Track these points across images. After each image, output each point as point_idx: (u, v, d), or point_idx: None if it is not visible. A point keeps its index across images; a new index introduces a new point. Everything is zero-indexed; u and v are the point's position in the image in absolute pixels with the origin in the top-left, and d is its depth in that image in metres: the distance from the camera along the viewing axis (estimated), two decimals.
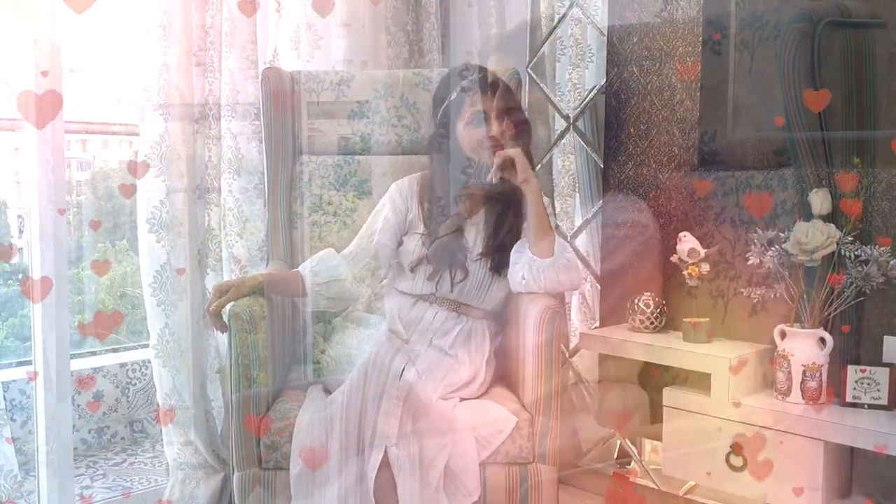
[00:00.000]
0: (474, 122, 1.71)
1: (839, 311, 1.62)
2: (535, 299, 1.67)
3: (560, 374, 1.63)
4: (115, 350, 2.53)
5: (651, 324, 1.90)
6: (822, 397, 1.62)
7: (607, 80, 2.08)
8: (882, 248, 1.57)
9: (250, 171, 2.03)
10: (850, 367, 1.60)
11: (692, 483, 1.97)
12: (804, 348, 1.62)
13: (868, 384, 1.59)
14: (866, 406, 1.58)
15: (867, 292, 1.60)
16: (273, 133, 2.00)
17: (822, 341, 1.62)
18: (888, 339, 1.61)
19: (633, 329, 1.93)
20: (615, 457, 2.20)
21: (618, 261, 2.07)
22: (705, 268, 1.81)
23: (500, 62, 2.33)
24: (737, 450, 1.67)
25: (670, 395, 1.79)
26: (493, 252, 1.72)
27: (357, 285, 1.75)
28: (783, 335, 1.67)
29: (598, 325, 2.15)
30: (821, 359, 1.61)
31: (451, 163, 1.76)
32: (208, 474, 2.03)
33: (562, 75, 2.31)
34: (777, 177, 1.78)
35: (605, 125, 2.10)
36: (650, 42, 1.99)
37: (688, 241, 1.83)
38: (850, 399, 1.60)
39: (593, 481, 2.18)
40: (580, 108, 2.21)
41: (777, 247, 1.66)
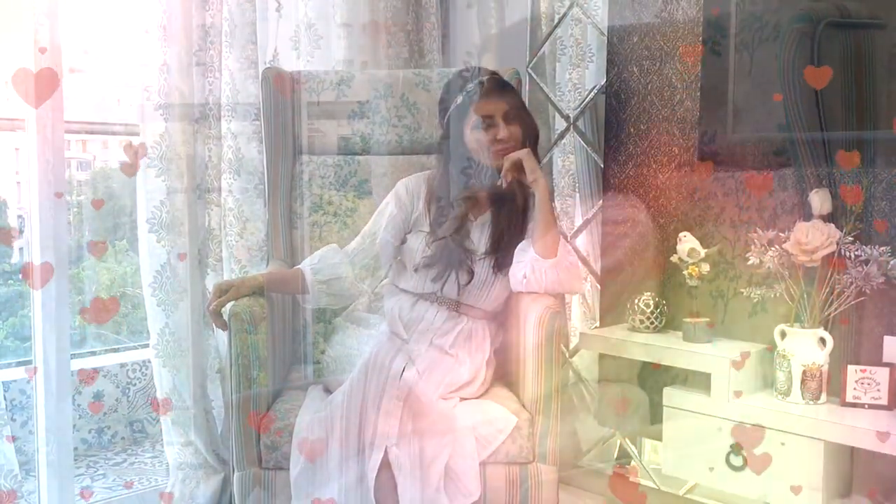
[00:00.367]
0: (480, 126, 1.70)
1: (839, 310, 1.62)
2: (535, 299, 1.67)
3: (560, 373, 1.63)
4: (116, 350, 2.53)
5: (651, 324, 1.90)
6: (822, 397, 1.62)
7: (607, 80, 2.08)
8: (882, 248, 1.57)
9: (250, 171, 2.03)
10: (850, 367, 1.60)
11: (692, 483, 1.97)
12: (804, 348, 1.62)
13: (868, 384, 1.59)
14: (866, 406, 1.59)
15: (867, 292, 1.60)
16: (273, 133, 2.00)
17: (823, 341, 1.62)
18: (888, 339, 1.61)
19: (633, 329, 1.93)
20: (615, 456, 2.20)
21: (617, 260, 2.07)
22: (705, 268, 1.81)
23: (501, 62, 2.33)
24: (736, 447, 1.67)
25: (670, 395, 1.79)
26: (498, 252, 1.72)
27: (358, 283, 1.75)
28: (783, 335, 1.67)
29: (598, 324, 2.15)
30: (821, 359, 1.61)
31: (458, 165, 1.76)
32: (208, 474, 2.03)
33: (562, 75, 2.31)
34: (777, 177, 1.78)
35: (605, 125, 2.10)
36: (650, 42, 1.99)
37: (688, 241, 1.83)
38: (850, 399, 1.60)
39: (593, 481, 2.18)
40: (580, 108, 2.21)
41: (777, 247, 1.66)
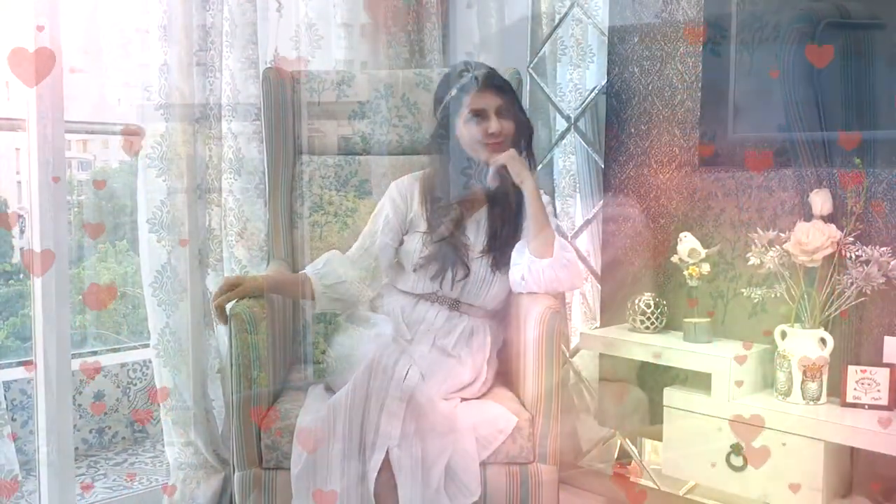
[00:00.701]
0: (473, 120, 1.71)
1: (840, 311, 1.62)
2: (535, 299, 1.67)
3: (560, 373, 1.63)
4: (116, 350, 2.54)
5: (651, 324, 1.90)
6: (823, 397, 1.62)
7: (608, 80, 2.08)
8: (883, 249, 1.57)
9: (251, 171, 2.03)
10: (851, 368, 1.60)
11: (693, 483, 1.97)
12: (805, 348, 1.62)
13: (868, 384, 1.59)
14: (866, 406, 1.58)
15: (867, 293, 1.60)
16: (274, 133, 2.00)
17: (823, 341, 1.62)
18: (888, 340, 1.61)
19: (633, 329, 1.93)
20: (615, 456, 2.20)
21: (617, 260, 2.07)
22: (706, 268, 1.81)
23: (502, 62, 2.32)
24: (737, 447, 1.67)
25: (671, 395, 1.79)
26: (495, 250, 1.72)
27: (362, 286, 1.75)
28: (784, 335, 1.67)
29: (598, 324, 2.15)
30: (821, 359, 1.61)
31: (452, 161, 1.76)
32: (209, 474, 2.03)
33: (563, 75, 2.31)
34: (777, 177, 1.78)
35: (605, 125, 2.10)
36: (651, 42, 1.99)
37: (688, 242, 1.83)
38: (850, 399, 1.60)
39: (594, 481, 2.18)
40: (581, 109, 2.21)
41: (778, 247, 1.66)
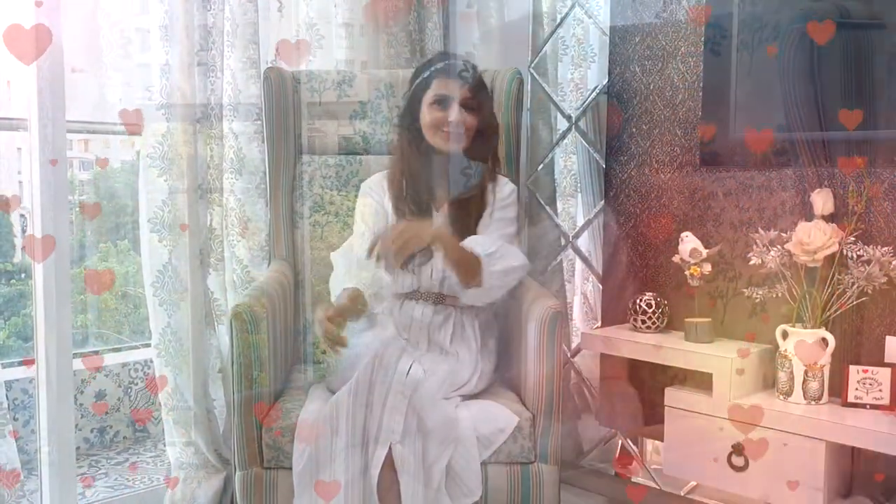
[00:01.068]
0: (437, 105, 1.72)
1: (841, 311, 1.62)
2: (536, 299, 1.67)
3: (561, 373, 1.63)
4: (118, 349, 2.54)
5: (653, 324, 1.90)
6: (824, 397, 1.62)
7: (609, 79, 2.08)
8: (884, 249, 1.57)
9: (252, 170, 2.04)
10: (852, 368, 1.60)
11: (693, 483, 1.97)
12: (806, 348, 1.62)
13: (870, 384, 1.59)
14: (868, 406, 1.58)
15: (869, 293, 1.60)
16: (275, 133, 2.00)
17: (824, 341, 1.62)
18: (890, 340, 1.60)
19: (634, 329, 1.93)
20: (616, 456, 2.20)
21: (618, 260, 2.07)
22: (707, 268, 1.81)
23: (503, 62, 2.33)
24: (738, 447, 1.67)
25: (672, 395, 1.79)
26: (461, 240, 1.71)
27: (381, 273, 1.72)
28: (785, 335, 1.67)
29: (599, 324, 2.15)
30: (823, 359, 1.61)
31: (418, 153, 1.76)
32: (210, 474, 2.03)
33: (564, 75, 2.31)
34: (778, 177, 1.78)
35: (606, 125, 2.10)
36: (652, 42, 1.99)
37: (690, 242, 1.83)
38: (851, 399, 1.60)
39: (595, 481, 2.18)
40: (582, 108, 2.21)
41: (779, 247, 1.66)
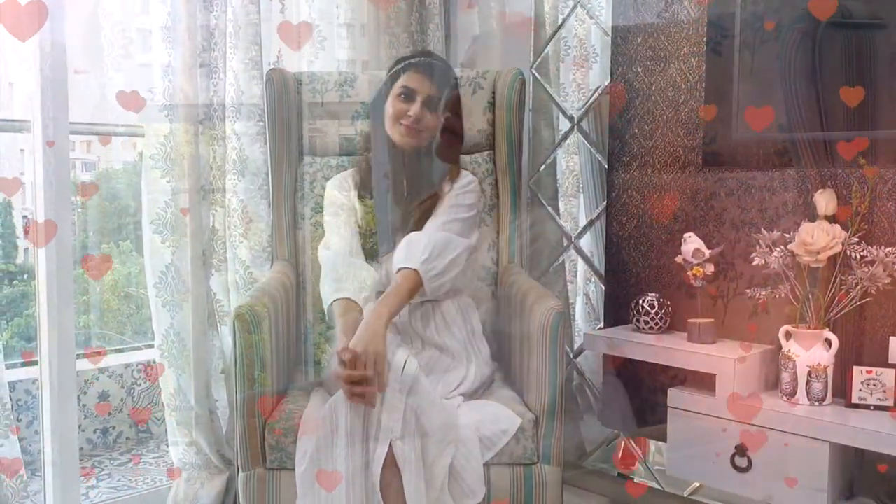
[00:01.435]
0: (401, 97, 1.73)
1: (844, 311, 1.62)
2: (538, 300, 1.67)
3: (564, 374, 1.63)
4: (120, 350, 2.54)
5: (655, 325, 1.89)
6: (828, 398, 1.62)
7: (611, 80, 2.08)
8: (888, 249, 1.56)
9: (254, 171, 2.04)
10: (856, 369, 1.60)
11: (697, 484, 1.97)
12: (809, 349, 1.62)
13: (874, 385, 1.58)
14: (872, 407, 1.58)
15: (873, 293, 1.59)
16: (277, 134, 2.00)
17: (828, 342, 1.61)
18: (894, 340, 1.60)
19: (637, 329, 1.93)
20: (619, 457, 2.20)
21: (621, 260, 2.07)
22: (710, 269, 1.80)
23: (504, 63, 2.33)
24: (741, 449, 1.67)
25: (675, 396, 1.79)
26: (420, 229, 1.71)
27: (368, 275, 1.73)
28: (788, 336, 1.66)
29: (601, 325, 2.15)
30: (826, 360, 1.61)
31: (377, 143, 1.79)
32: (213, 474, 2.03)
33: (566, 76, 2.31)
34: (781, 177, 1.78)
35: (608, 126, 2.10)
36: (654, 42, 1.99)
37: (692, 242, 1.82)
38: (855, 400, 1.59)
39: (597, 482, 2.18)
40: (584, 109, 2.21)
41: (782, 247, 1.66)
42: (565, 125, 2.26)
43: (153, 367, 2.03)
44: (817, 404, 1.61)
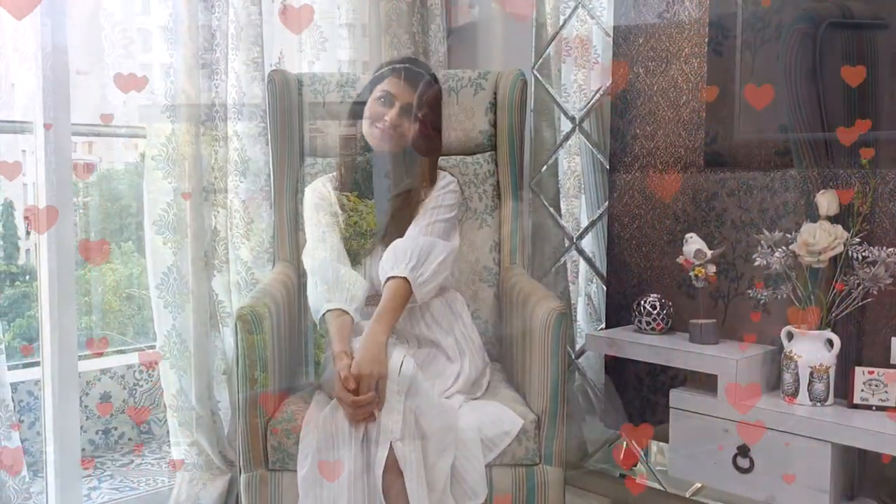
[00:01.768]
0: (379, 101, 1.75)
1: (846, 312, 1.62)
2: (540, 301, 1.67)
3: (566, 375, 1.63)
4: (122, 351, 2.54)
5: (657, 325, 1.89)
6: (830, 399, 1.62)
7: (613, 80, 2.08)
8: (890, 250, 1.56)
9: (256, 172, 2.04)
10: (858, 369, 1.60)
11: (699, 485, 1.97)
12: (811, 350, 1.62)
13: (876, 386, 1.58)
14: (874, 408, 1.58)
15: (874, 293, 1.59)
16: (279, 135, 2.00)
17: (830, 343, 1.61)
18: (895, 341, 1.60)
19: (638, 330, 1.93)
20: (621, 458, 2.19)
21: (622, 261, 2.07)
22: (711, 269, 1.80)
23: (506, 63, 2.33)
24: (743, 450, 1.67)
25: (677, 397, 1.79)
26: (398, 232, 1.72)
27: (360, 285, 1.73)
28: (790, 336, 1.66)
29: (603, 326, 2.15)
30: (828, 360, 1.61)
31: (355, 145, 1.80)
32: (214, 475, 2.03)
33: (567, 76, 2.31)
34: (782, 177, 1.78)
35: (610, 126, 2.10)
36: (656, 43, 1.99)
37: (694, 243, 1.82)
38: (857, 401, 1.59)
39: (599, 482, 2.18)
40: (586, 110, 2.21)
41: (784, 248, 1.66)
42: (567, 126, 2.26)
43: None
44: (819, 405, 1.61)
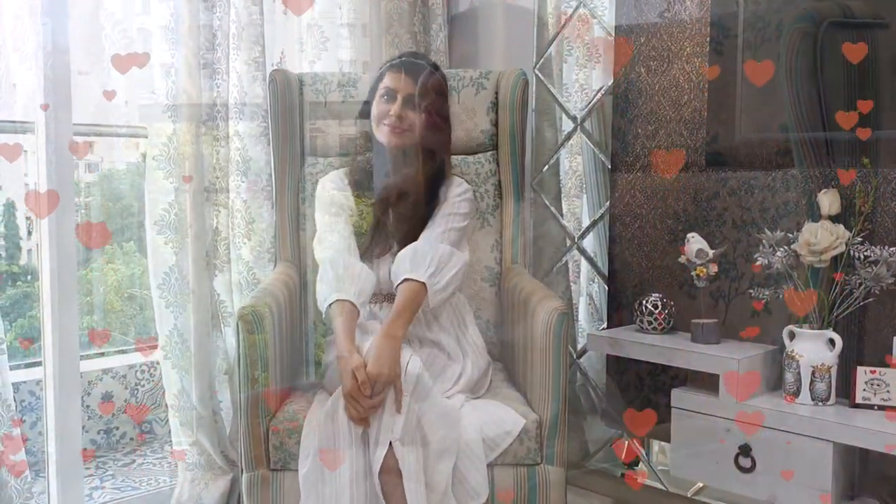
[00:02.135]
0: (383, 98, 1.76)
1: (848, 311, 1.62)
2: (541, 301, 1.67)
3: (567, 375, 1.63)
4: (123, 351, 2.55)
5: (659, 325, 1.89)
6: (832, 398, 1.62)
7: (614, 80, 2.08)
8: (892, 249, 1.56)
9: (257, 172, 2.04)
10: (860, 369, 1.60)
11: (700, 484, 1.97)
12: (813, 349, 1.62)
13: (878, 385, 1.58)
14: (876, 407, 1.58)
15: (876, 293, 1.59)
16: (280, 135, 2.00)
17: (832, 342, 1.61)
18: None
19: (640, 330, 1.92)
20: (623, 457, 2.19)
21: (624, 261, 2.07)
22: (713, 269, 1.80)
23: (508, 63, 2.33)
24: (744, 449, 1.67)
25: (678, 396, 1.79)
26: (408, 238, 1.72)
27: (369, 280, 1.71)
28: (792, 336, 1.66)
29: (605, 325, 2.15)
30: (830, 360, 1.61)
31: (366, 145, 1.81)
32: (216, 475, 2.03)
33: (569, 76, 2.30)
34: (783, 177, 1.78)
35: (612, 126, 2.10)
36: (657, 42, 1.99)
37: (696, 243, 1.82)
38: (859, 400, 1.59)
39: (601, 482, 2.18)
40: (587, 109, 2.21)
41: (785, 247, 1.65)
42: (568, 125, 2.26)
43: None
44: (821, 404, 1.61)
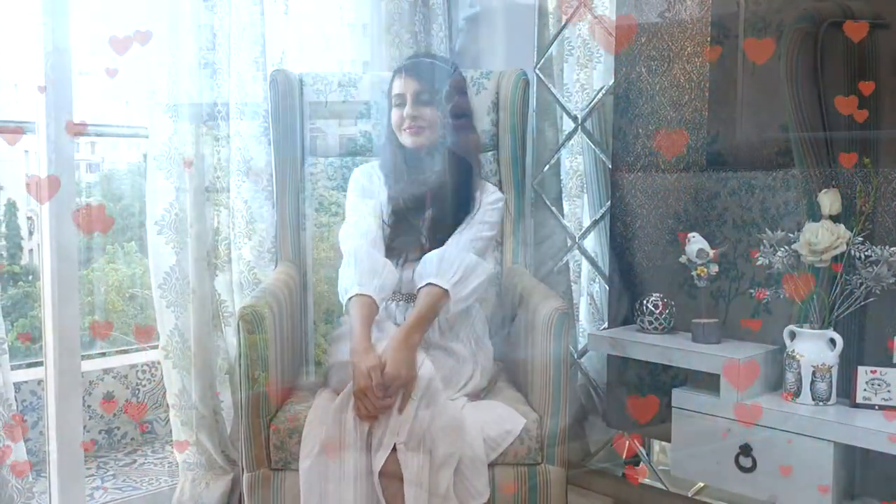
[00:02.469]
0: (397, 103, 1.79)
1: (849, 311, 1.62)
2: (542, 301, 1.67)
3: (568, 375, 1.63)
4: (124, 351, 2.55)
5: (660, 325, 1.89)
6: (832, 398, 1.62)
7: (615, 80, 2.08)
8: (892, 249, 1.56)
9: (258, 172, 2.04)
10: (861, 369, 1.60)
11: (701, 484, 1.97)
12: (814, 349, 1.62)
13: (879, 385, 1.58)
14: (876, 407, 1.58)
15: (877, 293, 1.59)
16: (281, 135, 2.00)
17: (832, 342, 1.61)
18: None
19: (641, 330, 1.92)
20: (623, 457, 2.19)
21: (625, 260, 2.07)
22: (714, 268, 1.80)
23: (508, 63, 2.33)
24: (745, 449, 1.67)
25: (679, 396, 1.79)
26: (440, 236, 1.72)
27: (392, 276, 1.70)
28: (792, 336, 1.66)
29: (606, 325, 2.15)
30: (831, 360, 1.61)
31: (394, 150, 1.81)
32: (217, 475, 2.04)
33: (570, 76, 2.30)
34: (784, 177, 1.78)
35: (612, 126, 2.10)
36: (658, 42, 1.98)
37: (696, 242, 1.82)
38: (860, 400, 1.59)
39: (601, 482, 2.18)
40: (588, 109, 2.21)
41: (786, 247, 1.65)
42: (569, 125, 2.26)
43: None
44: (822, 404, 1.61)
